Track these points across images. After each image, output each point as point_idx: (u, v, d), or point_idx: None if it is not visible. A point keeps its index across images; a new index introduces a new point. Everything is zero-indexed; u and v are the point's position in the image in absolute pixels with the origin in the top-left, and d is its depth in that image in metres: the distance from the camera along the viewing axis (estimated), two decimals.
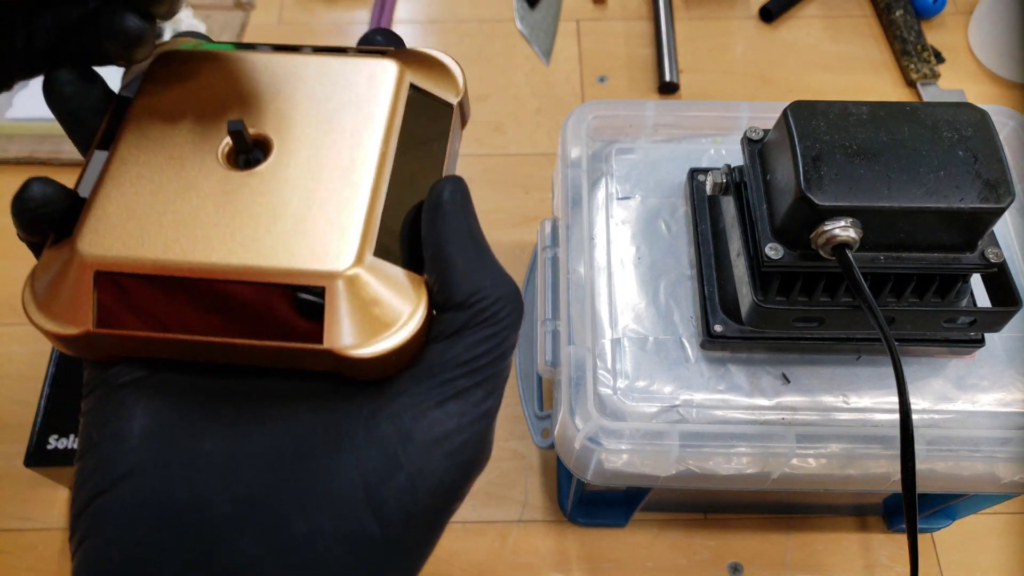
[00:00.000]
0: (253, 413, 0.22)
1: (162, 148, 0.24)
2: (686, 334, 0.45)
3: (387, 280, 0.22)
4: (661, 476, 0.42)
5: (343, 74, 0.25)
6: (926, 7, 0.79)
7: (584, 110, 0.51)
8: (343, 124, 0.24)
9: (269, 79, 0.25)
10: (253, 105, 0.24)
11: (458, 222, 0.23)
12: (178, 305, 0.21)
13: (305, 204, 0.22)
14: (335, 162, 0.23)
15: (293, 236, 0.22)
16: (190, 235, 0.22)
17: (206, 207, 0.22)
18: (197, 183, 0.23)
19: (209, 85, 0.25)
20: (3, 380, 0.61)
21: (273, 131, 0.24)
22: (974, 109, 0.39)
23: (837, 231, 0.37)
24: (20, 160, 0.71)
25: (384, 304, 0.22)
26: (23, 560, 0.55)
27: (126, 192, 0.23)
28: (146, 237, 0.22)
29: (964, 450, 0.41)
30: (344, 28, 0.81)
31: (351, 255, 0.21)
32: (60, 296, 0.22)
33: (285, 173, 0.23)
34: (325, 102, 0.24)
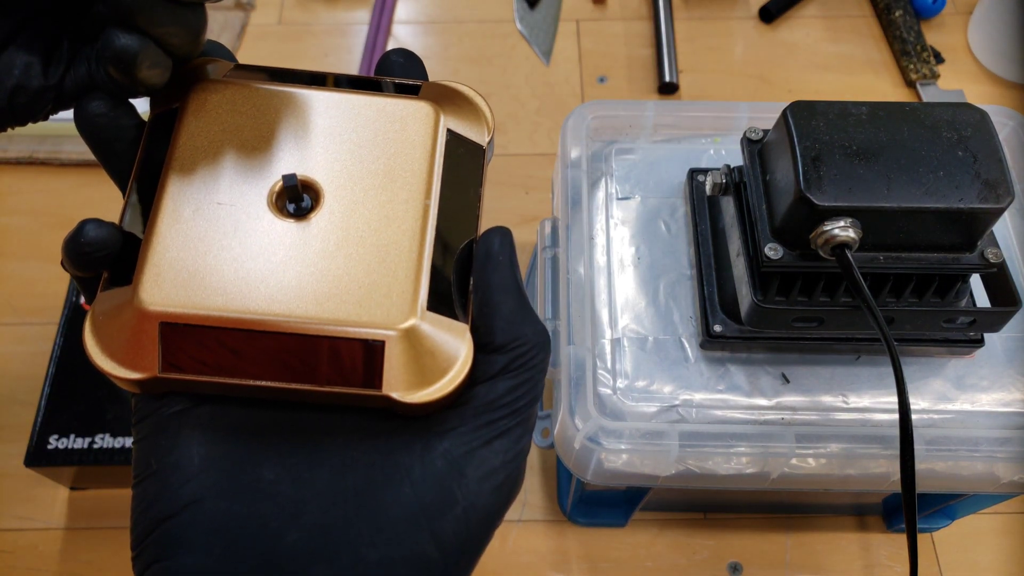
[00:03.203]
0: (308, 445, 0.24)
1: (210, 191, 0.24)
2: (686, 334, 0.45)
3: (439, 331, 0.23)
4: (661, 476, 0.43)
5: (383, 116, 0.26)
6: (925, 7, 0.79)
7: (584, 110, 0.51)
8: (388, 171, 0.25)
9: (311, 119, 0.25)
10: (298, 149, 0.25)
11: (505, 273, 0.25)
12: (239, 353, 0.22)
13: (358, 255, 0.23)
14: (383, 212, 0.24)
15: (351, 290, 0.23)
16: (248, 286, 0.22)
17: (261, 257, 0.23)
18: (249, 230, 0.23)
19: (251, 123, 0.25)
20: (3, 380, 0.61)
21: (320, 177, 0.24)
22: (974, 109, 0.39)
23: (837, 231, 0.37)
24: (20, 160, 0.71)
25: (437, 354, 0.23)
26: (24, 560, 0.55)
27: (180, 239, 0.23)
28: (205, 287, 0.22)
29: (963, 450, 0.41)
30: (344, 28, 0.81)
31: (407, 309, 0.23)
32: (125, 343, 0.22)
33: (336, 224, 0.24)
34: (368, 146, 0.25)
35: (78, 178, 0.71)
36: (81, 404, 0.53)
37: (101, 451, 0.52)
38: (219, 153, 0.24)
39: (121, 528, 0.56)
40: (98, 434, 0.52)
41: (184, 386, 0.23)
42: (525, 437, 0.25)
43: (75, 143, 0.71)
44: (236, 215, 0.23)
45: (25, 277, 0.65)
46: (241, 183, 0.24)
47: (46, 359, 0.55)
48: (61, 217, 0.69)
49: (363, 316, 0.22)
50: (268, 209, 0.24)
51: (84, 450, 0.52)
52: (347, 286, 0.23)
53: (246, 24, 0.81)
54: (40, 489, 0.57)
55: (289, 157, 0.25)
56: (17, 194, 0.70)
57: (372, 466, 0.23)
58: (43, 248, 0.67)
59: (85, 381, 0.54)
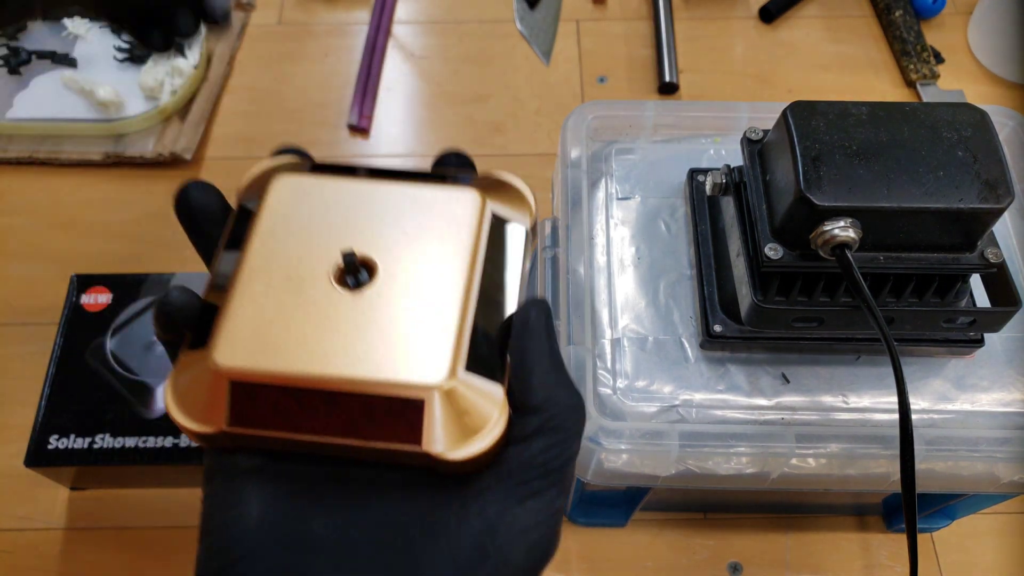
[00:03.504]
0: (354, 499, 0.26)
1: (282, 268, 0.27)
2: (686, 334, 0.45)
3: (475, 392, 0.25)
4: (661, 476, 0.43)
5: (434, 202, 0.29)
6: (925, 7, 0.79)
7: (584, 110, 0.51)
8: (436, 250, 0.28)
9: (371, 207, 0.29)
10: (358, 231, 0.28)
11: (540, 338, 0.27)
12: (299, 410, 0.25)
13: (405, 323, 0.26)
14: (430, 286, 0.27)
15: (396, 352, 0.25)
16: (309, 350, 0.25)
17: (321, 324, 0.26)
18: (313, 301, 0.26)
19: (321, 211, 0.29)
20: (3, 380, 0.61)
21: (376, 254, 0.28)
22: (974, 109, 0.39)
23: (836, 231, 0.37)
24: (21, 160, 0.71)
25: (473, 413, 0.25)
26: (24, 560, 0.55)
27: (253, 307, 0.26)
28: (271, 351, 0.25)
29: (963, 450, 0.41)
30: (344, 28, 0.81)
31: (445, 371, 0.25)
32: (199, 399, 0.25)
33: (388, 295, 0.27)
34: (420, 229, 0.28)
35: (78, 178, 0.71)
36: (81, 404, 0.53)
37: (101, 451, 0.52)
38: (290, 236, 0.28)
39: (121, 528, 0.56)
40: (98, 434, 0.52)
41: (247, 440, 0.26)
42: (559, 498, 0.26)
43: (75, 143, 0.71)
44: (302, 288, 0.27)
45: (25, 277, 0.66)
46: (308, 260, 0.27)
47: (46, 359, 0.55)
48: (61, 217, 0.69)
49: (405, 377, 0.25)
50: (330, 282, 0.27)
51: (84, 450, 0.52)
52: (394, 350, 0.25)
53: (246, 24, 0.82)
54: (40, 489, 0.57)
55: (351, 238, 0.28)
56: (17, 194, 0.70)
57: (411, 523, 0.25)
58: (43, 248, 0.67)
59: (85, 381, 0.54)
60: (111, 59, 0.75)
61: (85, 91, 0.72)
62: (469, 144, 0.74)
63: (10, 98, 0.73)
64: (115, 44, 0.75)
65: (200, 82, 0.76)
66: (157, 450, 0.52)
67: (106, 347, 0.55)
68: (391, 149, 0.74)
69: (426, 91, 0.78)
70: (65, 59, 0.75)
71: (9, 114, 0.72)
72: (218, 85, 0.76)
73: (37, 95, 0.73)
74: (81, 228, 0.68)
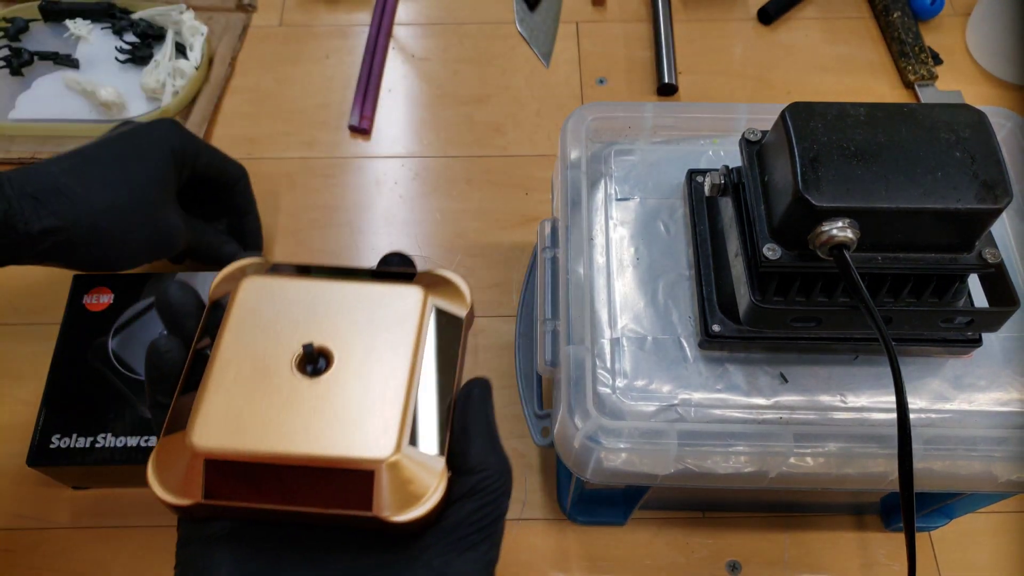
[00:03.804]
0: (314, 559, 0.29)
1: (250, 359, 0.31)
2: (684, 334, 0.45)
3: (417, 463, 0.29)
4: (660, 475, 0.43)
5: (383, 297, 0.33)
6: (924, 9, 0.80)
7: (583, 112, 0.52)
8: (384, 340, 0.31)
9: (327, 303, 0.32)
10: (316, 325, 0.32)
11: (480, 412, 0.32)
12: (265, 482, 0.28)
13: (357, 405, 0.30)
14: (379, 372, 0.31)
15: (350, 431, 0.29)
16: (274, 430, 0.29)
17: (284, 407, 0.29)
18: (277, 388, 0.30)
19: (283, 308, 0.32)
20: (5, 379, 0.61)
21: (332, 345, 0.31)
22: (972, 110, 0.39)
23: (835, 232, 0.37)
24: (23, 161, 0.71)
25: (416, 482, 0.29)
26: (26, 559, 0.55)
27: (224, 394, 0.30)
28: (241, 432, 0.29)
29: (961, 449, 0.41)
30: (345, 30, 0.82)
31: (391, 446, 0.29)
32: (178, 476, 0.29)
33: (342, 381, 0.30)
34: (370, 322, 0.32)
35: None
36: (83, 404, 0.53)
37: (103, 451, 0.52)
38: (257, 330, 0.31)
39: (123, 527, 0.56)
40: (100, 434, 0.52)
41: (219, 511, 0.29)
42: (492, 551, 0.31)
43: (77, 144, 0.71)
44: (267, 376, 0.30)
45: (27, 277, 0.66)
46: (273, 352, 0.31)
47: (48, 359, 0.55)
48: None
49: (357, 452, 0.28)
50: (292, 370, 0.30)
51: (86, 449, 0.52)
52: (347, 429, 0.29)
53: (247, 25, 0.82)
54: (42, 488, 0.57)
55: (310, 331, 0.31)
56: None
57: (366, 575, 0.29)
58: None
59: (87, 381, 0.54)
60: (113, 60, 0.75)
61: (87, 92, 0.72)
62: (469, 145, 0.74)
63: (12, 99, 0.73)
64: (117, 45, 0.76)
65: (201, 83, 0.76)
66: None
67: (108, 347, 0.55)
68: (391, 150, 0.74)
69: (426, 92, 0.78)
70: (67, 60, 0.75)
71: (11, 115, 0.72)
72: (219, 86, 0.76)
73: (39, 96, 0.73)
74: None
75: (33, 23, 0.78)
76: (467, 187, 0.72)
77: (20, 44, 0.76)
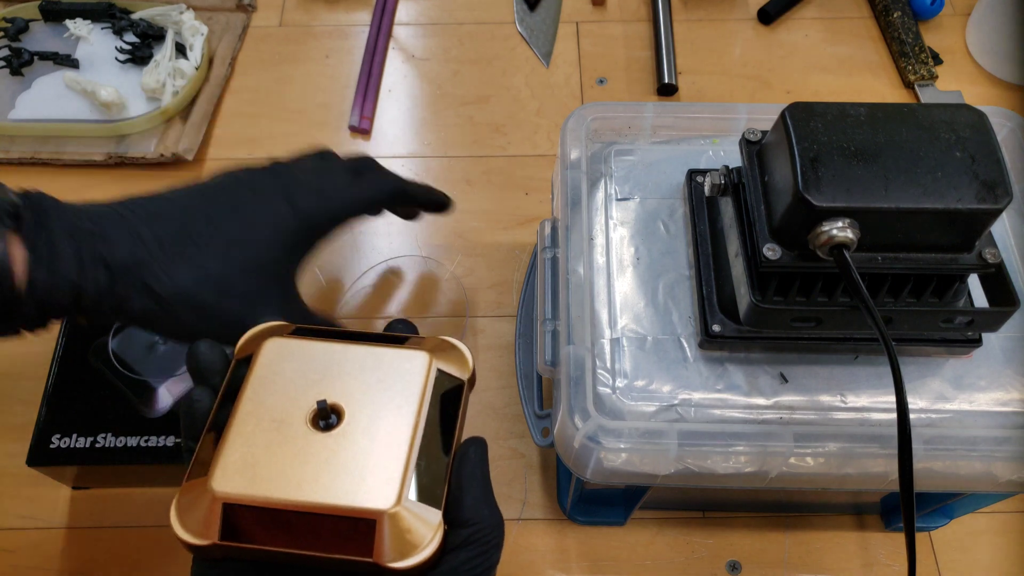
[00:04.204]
0: None
1: (268, 413, 0.34)
2: (684, 334, 0.45)
3: (416, 515, 0.31)
4: (660, 475, 0.43)
5: (392, 360, 0.36)
6: (924, 9, 0.80)
7: (583, 112, 0.52)
8: (391, 399, 0.34)
9: (342, 364, 0.35)
10: (330, 384, 0.35)
11: (476, 469, 0.35)
12: (276, 527, 0.31)
13: (364, 459, 0.32)
14: (385, 429, 0.33)
15: (356, 482, 0.31)
16: (286, 479, 0.31)
17: (297, 458, 0.32)
18: (292, 440, 0.33)
19: (301, 368, 0.35)
20: (6, 379, 0.61)
21: (344, 402, 0.34)
22: (972, 110, 0.39)
23: (835, 232, 0.37)
24: (23, 161, 0.71)
25: (414, 532, 0.31)
26: (26, 559, 0.55)
27: (244, 445, 0.32)
28: (257, 480, 0.31)
29: (961, 449, 0.41)
30: (345, 30, 0.82)
31: (393, 498, 0.31)
32: (198, 518, 0.31)
33: (352, 436, 0.33)
34: (379, 382, 0.35)
35: (80, 179, 0.71)
36: (83, 403, 0.53)
37: (103, 450, 0.52)
38: (276, 387, 0.34)
39: (123, 527, 0.56)
40: (100, 433, 0.52)
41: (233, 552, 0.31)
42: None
43: (77, 144, 0.72)
44: (284, 429, 0.33)
45: None
46: (290, 407, 0.34)
47: (48, 359, 0.55)
48: None
49: (361, 502, 0.31)
50: (307, 425, 0.33)
51: (86, 449, 0.52)
52: (354, 480, 0.31)
53: (247, 25, 0.82)
54: (42, 488, 0.57)
55: (324, 389, 0.34)
56: None
57: None
58: None
59: (87, 381, 0.54)
60: (113, 60, 0.75)
61: (87, 92, 0.72)
62: (469, 145, 0.74)
63: (12, 99, 0.73)
64: (117, 45, 0.76)
65: (202, 83, 0.76)
66: (159, 449, 0.52)
67: (108, 347, 0.55)
68: (392, 150, 0.74)
69: (426, 92, 0.78)
70: (67, 60, 0.75)
71: (11, 115, 0.72)
72: (219, 86, 0.76)
73: (39, 96, 0.73)
74: None
75: (33, 23, 0.78)
76: (467, 187, 0.72)
77: (20, 44, 0.76)
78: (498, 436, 0.60)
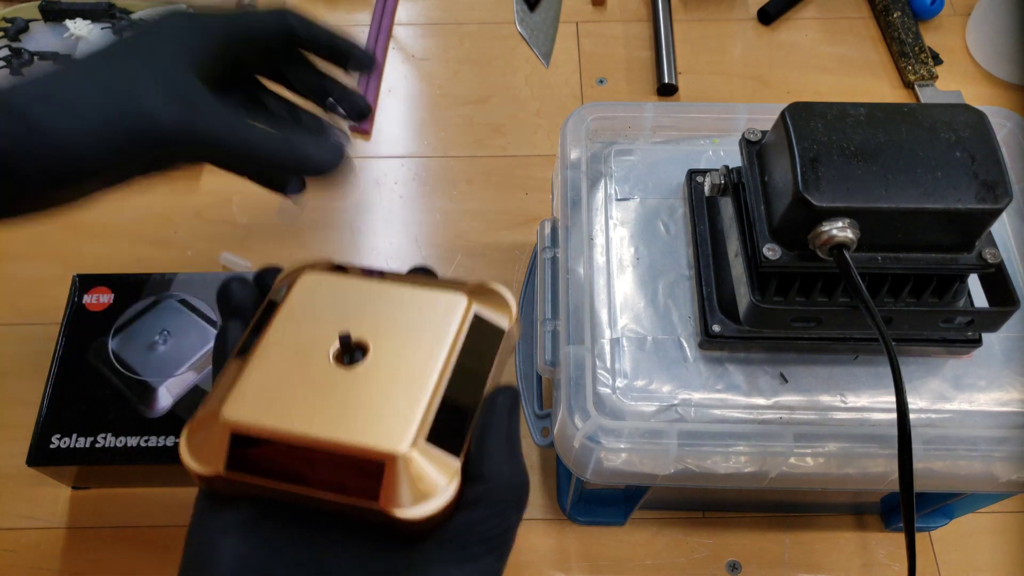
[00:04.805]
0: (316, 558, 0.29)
1: (293, 345, 0.32)
2: (684, 334, 0.45)
3: (432, 461, 0.29)
4: (660, 475, 0.43)
5: (428, 301, 0.33)
6: (924, 9, 0.80)
7: (583, 112, 0.52)
8: (422, 340, 0.32)
9: (376, 302, 0.34)
10: (361, 320, 0.33)
11: (502, 420, 0.31)
12: (283, 461, 0.29)
13: (383, 398, 0.30)
14: (410, 369, 0.31)
15: (370, 421, 0.29)
16: (299, 413, 0.29)
17: (314, 392, 0.30)
18: (312, 374, 0.31)
19: (333, 303, 0.34)
20: (5, 380, 0.61)
21: (372, 340, 0.32)
22: (972, 110, 0.39)
23: (835, 232, 0.37)
24: None
25: (426, 480, 0.28)
26: (26, 559, 0.55)
27: (262, 375, 0.31)
28: (269, 411, 0.30)
29: (961, 449, 0.41)
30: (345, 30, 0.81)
31: (407, 440, 0.28)
32: (205, 446, 0.30)
33: (374, 374, 0.31)
34: (412, 322, 0.33)
35: None
36: (83, 404, 0.53)
37: (103, 450, 0.52)
38: (305, 320, 0.33)
39: (123, 527, 0.56)
40: (100, 433, 0.52)
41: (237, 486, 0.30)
42: (496, 563, 0.30)
43: None
44: (306, 362, 0.31)
45: (27, 277, 0.66)
46: (315, 341, 0.32)
47: (48, 359, 0.55)
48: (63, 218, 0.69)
49: (373, 442, 0.28)
50: (329, 360, 0.31)
51: (86, 449, 0.52)
52: (369, 419, 0.29)
53: None
54: (42, 488, 0.57)
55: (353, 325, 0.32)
56: None
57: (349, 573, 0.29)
58: (45, 248, 0.67)
59: (87, 381, 0.54)
60: None
61: None
62: (469, 145, 0.74)
63: None
64: None
65: None
66: (159, 449, 0.52)
67: (108, 347, 0.55)
68: (392, 150, 0.74)
69: (426, 92, 0.78)
70: (67, 60, 0.75)
71: None
72: None
73: None
74: (83, 229, 0.69)
75: (33, 23, 0.78)
76: (467, 187, 0.72)
77: (20, 44, 0.76)
78: None
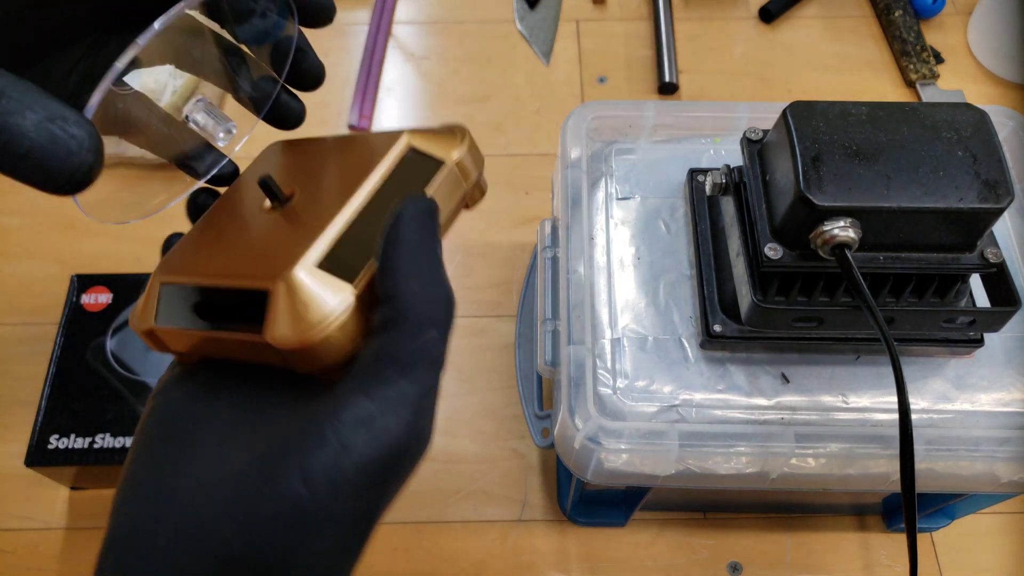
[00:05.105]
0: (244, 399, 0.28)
1: (236, 204, 0.32)
2: (685, 334, 0.45)
3: (320, 285, 0.26)
4: (660, 475, 0.43)
5: (366, 144, 0.32)
6: (925, 7, 0.79)
7: (584, 110, 0.52)
8: (346, 179, 0.30)
9: (324, 154, 0.33)
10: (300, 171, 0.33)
11: (410, 233, 0.27)
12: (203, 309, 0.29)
13: (287, 235, 0.29)
14: (325, 207, 0.29)
15: (269, 257, 0.28)
16: (218, 261, 0.30)
17: (237, 240, 0.30)
18: (242, 224, 0.31)
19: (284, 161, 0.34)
20: (4, 380, 0.61)
21: (299, 185, 0.31)
22: (973, 109, 0.39)
23: (836, 231, 0.37)
24: None
25: (313, 305, 0.26)
26: (24, 559, 0.55)
27: (199, 232, 0.32)
28: (195, 263, 0.30)
29: (963, 450, 0.41)
30: (344, 29, 0.81)
31: (291, 267, 0.26)
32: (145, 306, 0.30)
33: (292, 215, 0.30)
34: (344, 166, 0.32)
35: None
36: (81, 404, 0.53)
37: (102, 451, 0.52)
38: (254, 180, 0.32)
39: None
40: (98, 434, 0.52)
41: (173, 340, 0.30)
42: (412, 387, 0.25)
43: None
44: (241, 214, 0.32)
45: (26, 277, 0.66)
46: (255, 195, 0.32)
47: (47, 359, 0.55)
48: (61, 217, 0.69)
49: (262, 275, 0.27)
50: (262, 211, 0.31)
51: (84, 450, 0.52)
52: (268, 255, 0.28)
53: None
54: (40, 489, 0.57)
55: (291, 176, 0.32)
56: (17, 194, 0.70)
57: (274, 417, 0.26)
58: (43, 248, 0.67)
59: (85, 381, 0.54)
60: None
61: None
62: None
63: None
64: None
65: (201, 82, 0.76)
66: None
67: (106, 347, 0.55)
68: None
69: (426, 91, 0.78)
70: None
71: None
72: None
73: None
74: (81, 228, 0.68)
75: None
76: None
77: None
78: (498, 437, 0.60)
